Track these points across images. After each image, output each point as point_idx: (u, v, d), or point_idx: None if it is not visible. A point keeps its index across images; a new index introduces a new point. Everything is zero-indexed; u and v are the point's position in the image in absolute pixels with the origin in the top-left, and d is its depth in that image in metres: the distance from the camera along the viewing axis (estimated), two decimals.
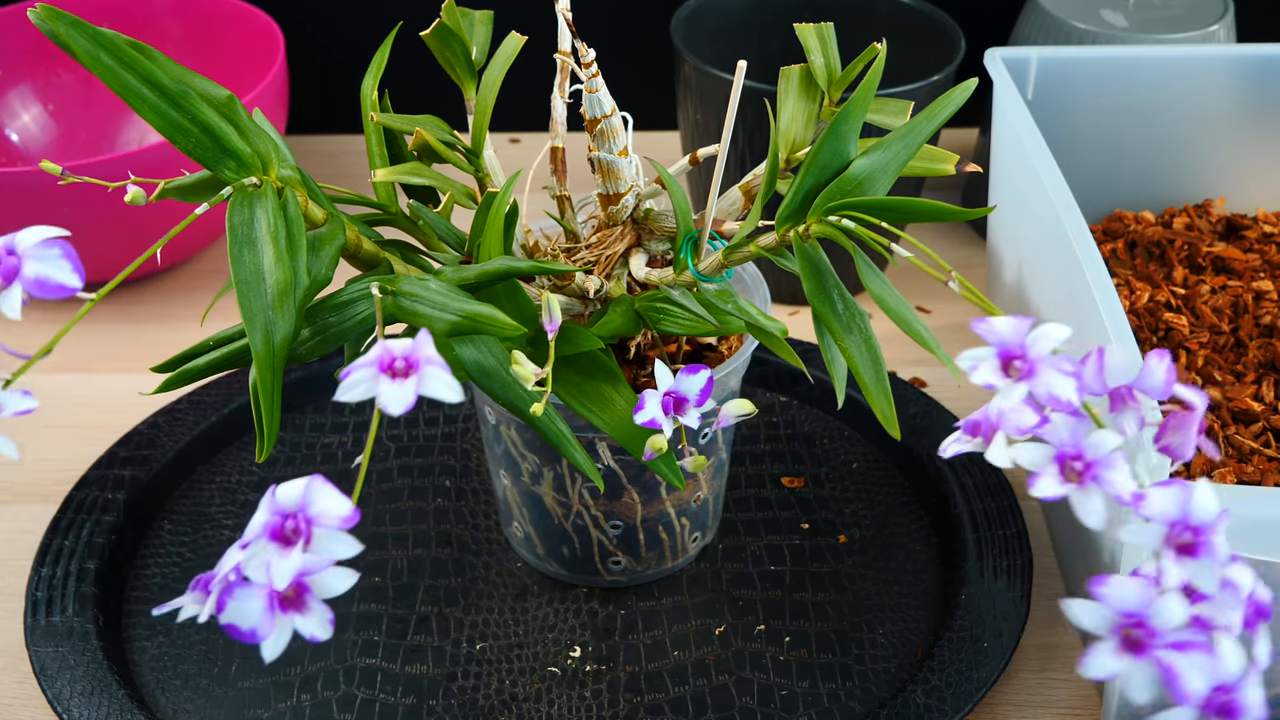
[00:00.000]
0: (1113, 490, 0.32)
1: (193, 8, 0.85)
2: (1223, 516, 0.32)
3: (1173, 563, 0.32)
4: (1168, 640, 0.31)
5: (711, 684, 0.55)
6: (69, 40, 0.38)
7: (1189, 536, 0.32)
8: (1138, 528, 0.32)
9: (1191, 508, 0.32)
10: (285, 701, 0.54)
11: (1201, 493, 0.32)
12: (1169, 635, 0.31)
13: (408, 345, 0.34)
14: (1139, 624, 0.31)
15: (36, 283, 0.33)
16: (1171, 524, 0.32)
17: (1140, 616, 0.31)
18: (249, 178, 0.40)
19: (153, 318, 0.77)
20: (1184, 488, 0.32)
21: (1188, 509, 0.32)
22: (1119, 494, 0.32)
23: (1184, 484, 0.32)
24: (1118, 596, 0.32)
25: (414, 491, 0.64)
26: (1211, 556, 0.32)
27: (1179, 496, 0.32)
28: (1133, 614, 0.32)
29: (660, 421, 0.43)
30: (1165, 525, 0.32)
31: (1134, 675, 0.31)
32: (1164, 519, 0.32)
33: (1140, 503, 0.32)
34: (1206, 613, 0.32)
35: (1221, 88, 0.71)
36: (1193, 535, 0.32)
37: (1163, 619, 0.31)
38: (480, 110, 0.49)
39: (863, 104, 0.42)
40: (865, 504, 0.63)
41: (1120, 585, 0.32)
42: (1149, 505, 0.32)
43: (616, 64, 0.71)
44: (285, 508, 0.32)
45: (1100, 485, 0.33)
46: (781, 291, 0.77)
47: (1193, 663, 0.31)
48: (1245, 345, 0.64)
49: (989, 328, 0.34)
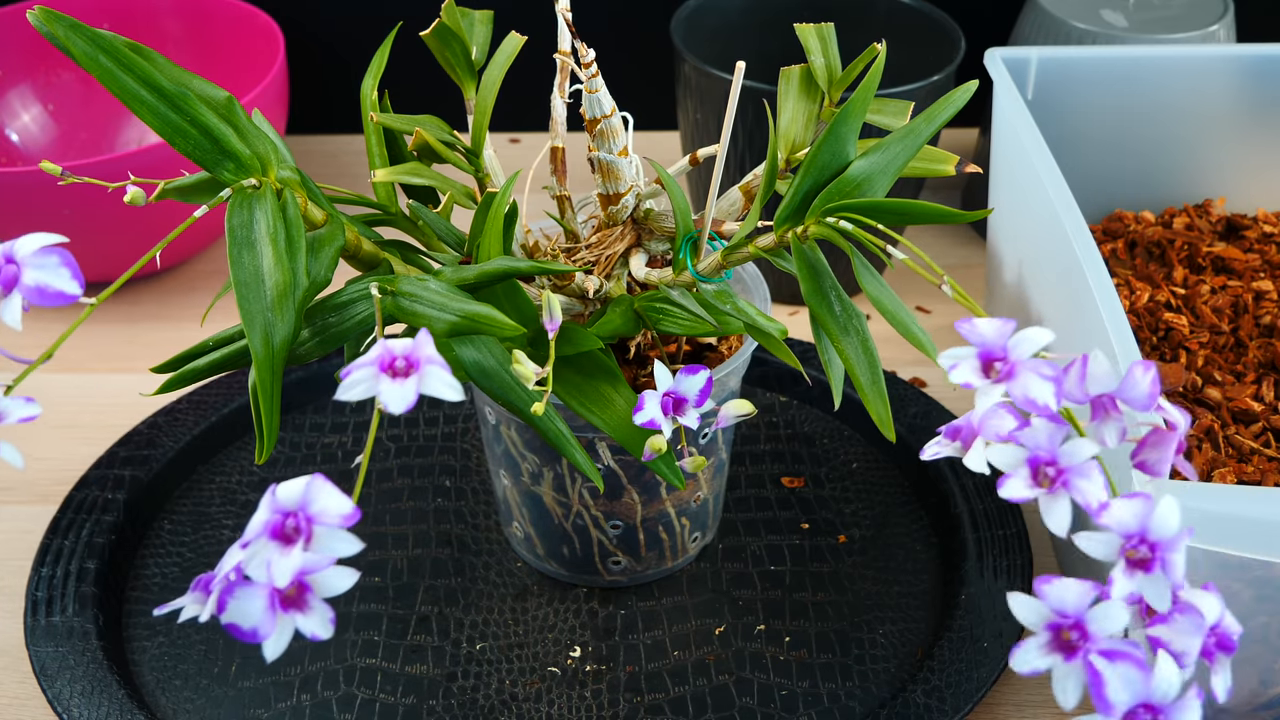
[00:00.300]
0: (1082, 499, 0.32)
1: (193, 8, 0.85)
2: (1183, 535, 0.31)
3: (1123, 574, 0.31)
4: (1100, 646, 0.31)
5: (711, 684, 0.55)
6: (68, 42, 0.38)
7: (1145, 551, 0.32)
8: (1092, 536, 0.32)
9: (1152, 522, 0.32)
10: (285, 701, 0.54)
11: (1164, 508, 0.31)
12: (1102, 641, 0.31)
13: (408, 345, 0.34)
14: (1076, 626, 0.31)
15: (36, 291, 0.33)
16: (1128, 536, 0.32)
17: (1077, 618, 0.31)
18: (248, 179, 0.40)
19: (152, 318, 0.77)
20: (1147, 501, 0.32)
21: (1147, 523, 0.32)
22: (1088, 502, 0.32)
23: (1148, 497, 0.32)
24: (1058, 596, 0.31)
25: (414, 491, 0.64)
26: (1166, 574, 0.31)
27: (1141, 510, 0.32)
28: (1069, 615, 0.31)
29: (659, 422, 0.43)
30: (1121, 537, 0.32)
31: (1061, 675, 0.31)
32: (1121, 530, 0.32)
33: (1102, 512, 0.32)
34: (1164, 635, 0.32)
35: (1221, 88, 0.71)
36: (1149, 550, 0.32)
37: (1099, 624, 0.31)
38: (480, 110, 0.49)
39: (862, 105, 0.42)
40: (865, 504, 0.63)
41: (1063, 586, 0.31)
42: (1109, 515, 0.32)
43: (616, 64, 0.71)
44: (286, 506, 0.32)
45: (1070, 492, 0.32)
46: (781, 292, 0.77)
47: (1120, 673, 0.30)
48: (1245, 345, 0.64)
49: (972, 328, 0.33)
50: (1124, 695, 0.30)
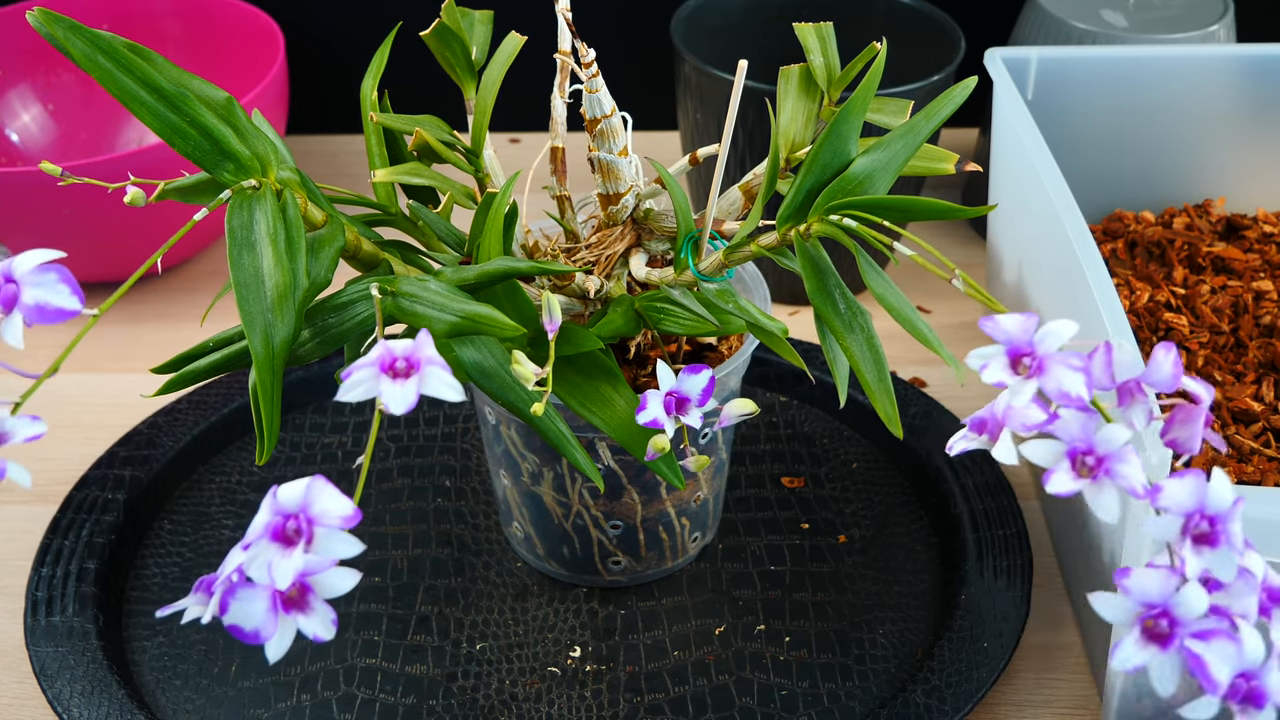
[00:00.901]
0: (1126, 484, 0.32)
1: (193, 8, 0.85)
2: (1238, 504, 0.32)
3: (1192, 553, 0.32)
4: (1192, 630, 0.31)
5: (711, 684, 0.55)
6: (67, 44, 0.38)
7: (1206, 526, 0.32)
8: (1157, 520, 0.32)
9: (1208, 498, 0.32)
10: (285, 701, 0.54)
11: (1217, 482, 0.32)
12: (1192, 625, 0.31)
13: (408, 345, 0.34)
14: (1162, 614, 0.32)
15: (36, 309, 0.33)
16: (1188, 515, 0.32)
17: (1164, 607, 0.32)
18: (248, 180, 0.40)
19: (153, 317, 0.77)
20: (1199, 478, 0.32)
21: (1204, 499, 0.32)
22: (1132, 487, 0.32)
23: (1199, 474, 0.32)
24: (1141, 588, 0.32)
25: (414, 491, 0.64)
26: (1230, 545, 0.32)
27: (1195, 487, 0.32)
28: (1156, 605, 0.32)
29: (663, 421, 0.43)
30: (1182, 516, 0.32)
31: (1160, 666, 0.31)
32: (1181, 510, 0.32)
33: (1157, 495, 0.32)
34: (1223, 601, 0.32)
35: (1221, 88, 0.71)
36: (1209, 525, 0.32)
37: (1185, 609, 0.31)
38: (480, 110, 0.49)
39: (863, 103, 0.42)
40: (865, 504, 0.63)
41: (1143, 577, 0.32)
42: (1165, 497, 0.32)
43: (616, 64, 0.71)
44: (286, 508, 0.32)
45: (1113, 479, 0.33)
46: (782, 291, 0.77)
47: (1218, 651, 0.31)
48: (1245, 345, 0.64)
49: (996, 326, 0.34)
50: (1226, 671, 0.31)
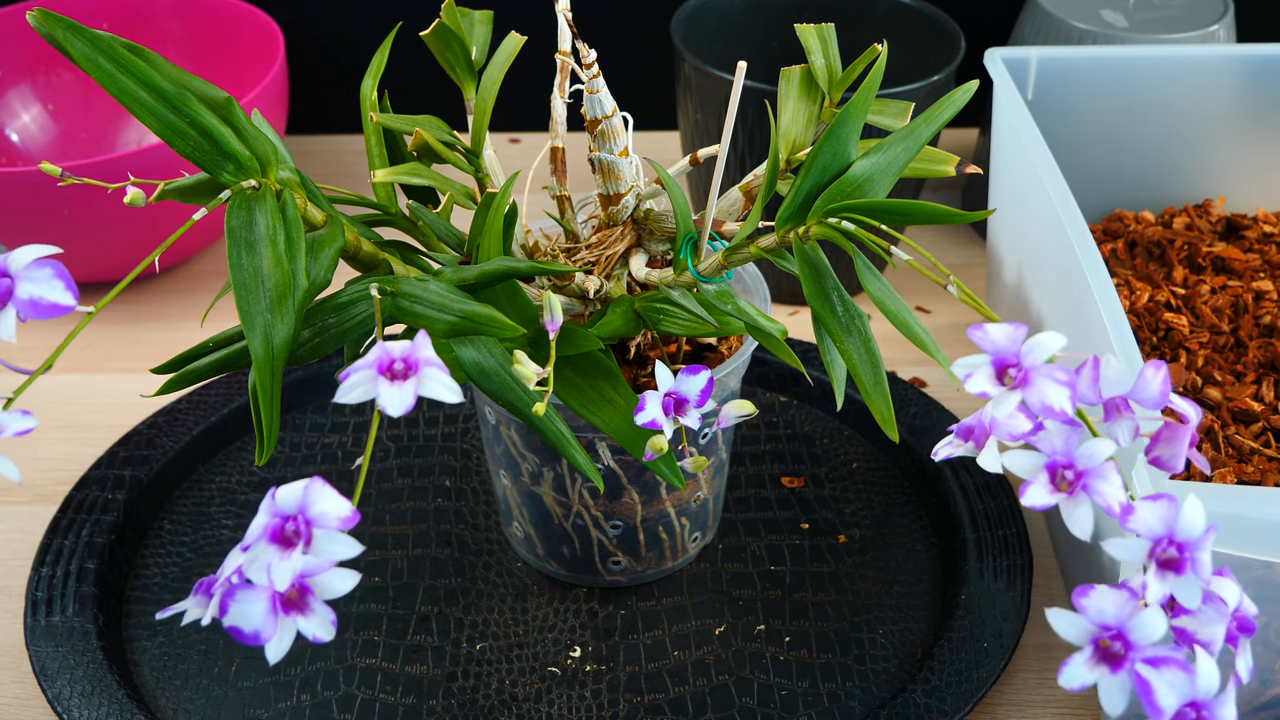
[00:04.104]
0: (1103, 501, 0.32)
1: (193, 8, 0.85)
2: (1209, 533, 0.32)
3: (1156, 578, 0.32)
4: (1145, 655, 0.31)
5: (711, 684, 0.55)
6: (66, 44, 0.38)
7: (1174, 552, 0.32)
8: (1123, 542, 0.32)
9: (1178, 524, 0.32)
10: (285, 701, 0.54)
11: (1189, 509, 0.32)
12: (1146, 650, 0.31)
13: (406, 347, 0.34)
14: (1117, 636, 0.31)
15: (30, 304, 0.33)
16: (1156, 539, 0.32)
17: (1119, 629, 0.31)
18: (247, 180, 0.40)
19: (153, 317, 0.77)
20: (1172, 503, 0.32)
21: (1174, 525, 0.32)
22: (1109, 505, 0.32)
23: (1173, 499, 0.32)
24: (1098, 608, 0.31)
25: (414, 491, 0.64)
26: (1196, 573, 0.31)
27: (1166, 512, 0.32)
28: (1111, 626, 0.31)
29: (661, 422, 0.43)
30: (1150, 541, 0.32)
31: (1109, 687, 0.31)
32: (1150, 534, 0.32)
33: (1128, 516, 0.32)
34: (1189, 626, 0.32)
35: (1221, 88, 0.71)
36: (1178, 551, 0.32)
37: (1141, 633, 0.31)
38: (480, 110, 0.49)
39: (863, 105, 0.42)
40: (865, 504, 0.63)
41: (1102, 597, 0.31)
42: (1136, 520, 0.32)
43: (617, 64, 0.71)
44: (285, 510, 0.32)
45: (1090, 495, 0.32)
46: (781, 292, 0.77)
47: (1167, 679, 0.31)
48: (1245, 345, 0.64)
49: (984, 335, 0.33)
50: (1172, 699, 0.31)
